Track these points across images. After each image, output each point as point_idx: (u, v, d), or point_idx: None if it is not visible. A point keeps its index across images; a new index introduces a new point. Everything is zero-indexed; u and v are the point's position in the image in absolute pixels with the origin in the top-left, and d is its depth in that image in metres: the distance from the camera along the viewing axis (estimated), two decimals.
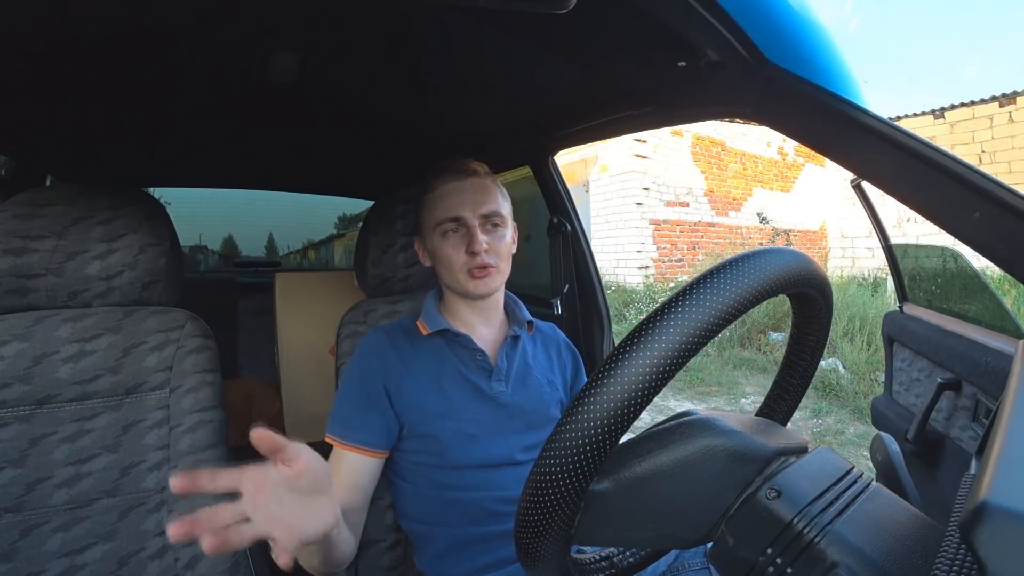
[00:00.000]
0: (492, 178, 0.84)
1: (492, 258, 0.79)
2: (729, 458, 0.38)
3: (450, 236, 0.80)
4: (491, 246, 0.79)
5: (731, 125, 7.72)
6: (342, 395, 0.79)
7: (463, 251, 0.79)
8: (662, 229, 7.21)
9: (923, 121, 6.89)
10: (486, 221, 0.80)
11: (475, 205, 0.79)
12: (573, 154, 7.32)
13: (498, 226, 0.81)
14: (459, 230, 0.80)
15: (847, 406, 3.57)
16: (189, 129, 1.28)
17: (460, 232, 0.80)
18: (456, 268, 0.79)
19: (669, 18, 0.60)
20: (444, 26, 0.78)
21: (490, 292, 0.81)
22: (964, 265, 1.16)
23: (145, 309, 0.87)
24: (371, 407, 0.77)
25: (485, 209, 0.80)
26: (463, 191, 0.80)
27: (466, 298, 0.83)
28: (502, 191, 0.85)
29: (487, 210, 0.80)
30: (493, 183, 0.83)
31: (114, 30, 0.76)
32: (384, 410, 0.77)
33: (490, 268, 0.79)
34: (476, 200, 0.80)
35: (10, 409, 0.76)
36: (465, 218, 0.79)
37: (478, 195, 0.80)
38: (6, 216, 0.79)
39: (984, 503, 0.25)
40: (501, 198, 0.83)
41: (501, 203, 0.83)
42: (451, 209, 0.79)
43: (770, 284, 0.34)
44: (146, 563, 0.77)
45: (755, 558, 0.35)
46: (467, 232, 0.79)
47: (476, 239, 0.78)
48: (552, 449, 0.33)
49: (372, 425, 0.76)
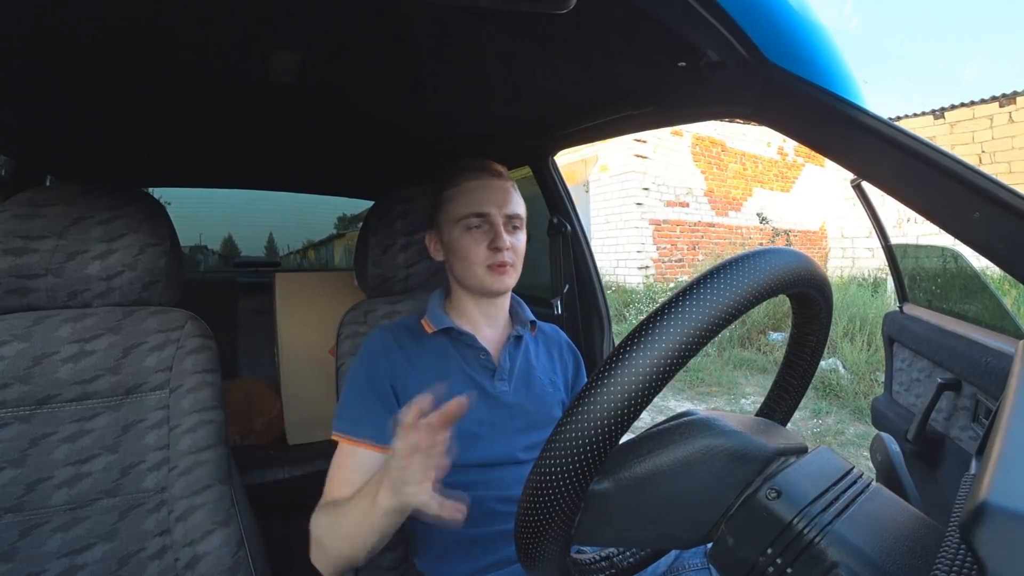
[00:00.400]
0: (513, 183, 0.87)
1: (511, 256, 0.81)
2: (729, 458, 0.38)
3: (473, 231, 0.82)
4: (512, 246, 0.82)
5: (731, 125, 7.72)
6: (348, 393, 0.79)
7: (485, 246, 0.81)
8: (662, 229, 7.21)
9: (923, 121, 6.89)
10: (509, 221, 0.83)
11: (501, 204, 0.82)
12: (573, 154, 7.32)
13: (518, 228, 0.85)
14: (483, 226, 0.82)
15: (847, 406, 3.57)
16: (189, 129, 1.28)
17: (484, 228, 0.82)
18: (476, 262, 0.81)
19: (669, 18, 0.60)
20: (444, 26, 0.78)
21: (506, 289, 0.84)
22: (964, 265, 1.16)
23: (145, 309, 0.87)
24: (379, 404, 0.77)
25: (509, 210, 0.83)
26: (489, 189, 0.82)
27: (478, 295, 0.84)
28: (520, 196, 0.87)
29: (511, 211, 0.83)
30: (514, 187, 0.87)
31: (114, 30, 0.76)
32: (392, 407, 0.77)
33: (508, 266, 0.81)
34: (502, 199, 0.83)
35: (10, 409, 0.76)
36: (491, 215, 0.81)
37: (504, 195, 0.83)
38: (6, 216, 0.79)
39: (984, 503, 0.25)
40: (521, 203, 0.86)
41: (522, 207, 0.86)
42: (477, 205, 0.81)
43: (770, 284, 0.34)
44: (146, 563, 0.77)
45: (755, 558, 0.35)
46: (491, 229, 0.81)
47: (501, 236, 0.80)
48: (552, 449, 0.33)
49: (381, 421, 0.76)
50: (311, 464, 1.61)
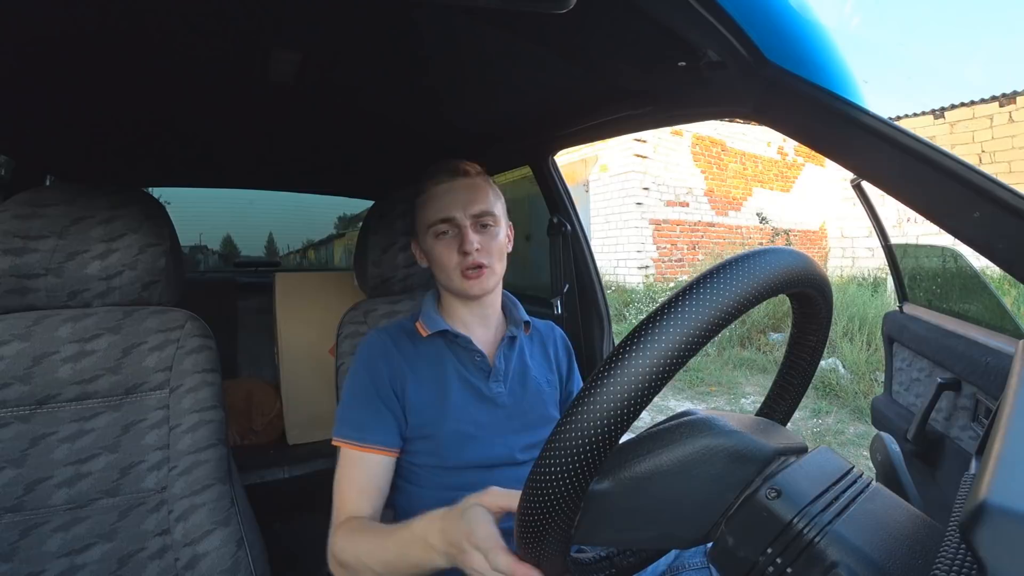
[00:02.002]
0: (483, 178, 0.84)
1: (484, 257, 0.79)
2: (729, 458, 0.38)
3: (442, 237, 0.80)
4: (483, 246, 0.79)
5: (731, 125, 7.73)
6: (350, 398, 0.78)
7: (455, 251, 0.79)
8: (662, 229, 7.21)
9: (923, 121, 6.89)
10: (476, 220, 0.80)
11: (466, 205, 0.79)
12: (573, 154, 7.32)
13: (489, 226, 0.81)
14: (451, 231, 0.80)
15: (847, 406, 3.56)
16: (189, 129, 1.28)
17: (452, 233, 0.80)
18: (449, 269, 0.79)
19: (669, 18, 0.60)
20: (444, 26, 0.78)
21: (484, 292, 0.81)
22: (964, 265, 1.16)
23: (145, 309, 0.87)
24: (384, 407, 0.76)
25: (475, 209, 0.79)
26: (453, 191, 0.80)
27: (461, 299, 0.83)
28: (494, 190, 0.84)
29: (477, 209, 0.79)
30: (484, 182, 0.83)
31: (114, 30, 0.76)
32: (395, 409, 0.77)
33: (483, 268, 0.79)
34: (467, 199, 0.79)
35: (10, 409, 0.76)
36: (456, 218, 0.79)
37: (469, 194, 0.80)
38: (6, 216, 0.79)
39: (984, 503, 0.25)
40: (493, 197, 0.83)
41: (493, 202, 0.82)
42: (442, 210, 0.79)
43: (770, 284, 0.34)
44: (146, 563, 0.77)
45: (755, 558, 0.34)
46: (459, 232, 0.79)
47: (467, 238, 0.78)
48: (552, 449, 0.33)
49: (387, 425, 0.76)
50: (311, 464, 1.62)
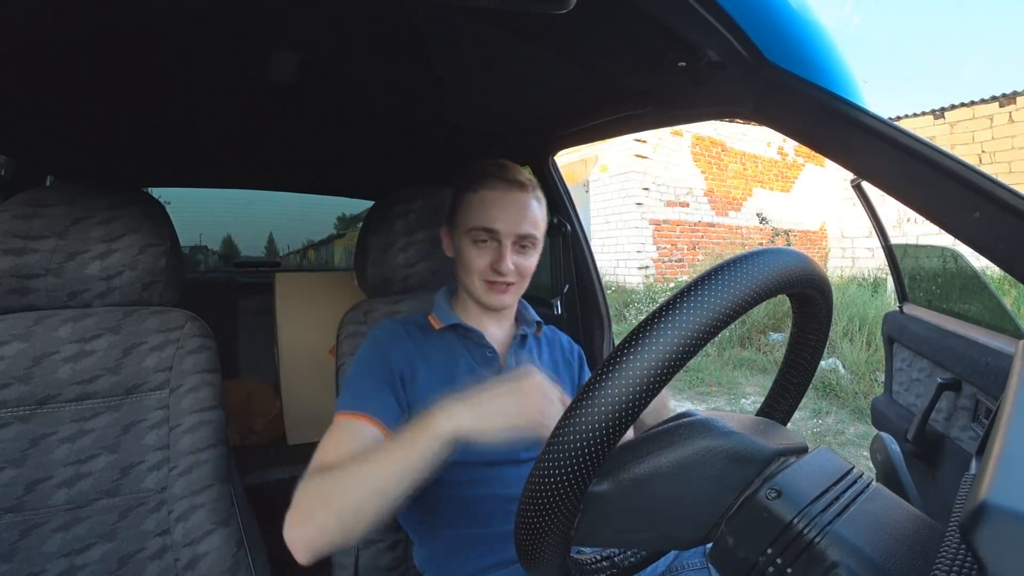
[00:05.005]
0: (537, 195, 0.82)
1: (514, 277, 0.79)
2: (729, 459, 0.38)
3: (479, 244, 0.78)
4: (517, 266, 0.78)
5: (731, 125, 7.72)
6: (355, 375, 0.76)
7: (488, 263, 0.78)
8: (662, 229, 7.21)
9: (923, 121, 6.89)
10: (519, 241, 0.78)
11: (514, 223, 0.77)
12: (573, 154, 7.32)
13: (528, 248, 0.80)
14: (490, 243, 0.78)
15: (847, 406, 3.56)
16: (189, 129, 1.28)
17: (491, 245, 0.78)
18: (476, 275, 0.79)
19: (669, 18, 0.60)
20: (444, 26, 0.78)
21: (503, 307, 0.81)
22: (964, 265, 1.16)
23: (145, 309, 0.87)
24: (388, 386, 0.75)
25: (522, 230, 0.77)
26: (505, 204, 0.77)
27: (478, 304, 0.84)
28: (543, 209, 0.82)
29: (524, 231, 0.78)
30: (537, 201, 0.81)
31: (114, 30, 0.76)
32: (398, 393, 0.75)
33: (510, 285, 0.79)
34: (516, 218, 0.77)
35: (10, 409, 0.76)
36: (499, 232, 0.77)
37: (519, 212, 0.78)
38: (6, 216, 0.79)
39: (984, 503, 0.25)
40: (540, 218, 0.81)
41: (539, 224, 0.80)
42: (488, 220, 0.77)
43: (770, 284, 0.34)
44: (146, 563, 0.77)
45: (755, 558, 0.34)
46: (498, 247, 0.77)
47: (505, 260, 0.76)
48: (552, 450, 0.33)
49: (386, 402, 0.74)
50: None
